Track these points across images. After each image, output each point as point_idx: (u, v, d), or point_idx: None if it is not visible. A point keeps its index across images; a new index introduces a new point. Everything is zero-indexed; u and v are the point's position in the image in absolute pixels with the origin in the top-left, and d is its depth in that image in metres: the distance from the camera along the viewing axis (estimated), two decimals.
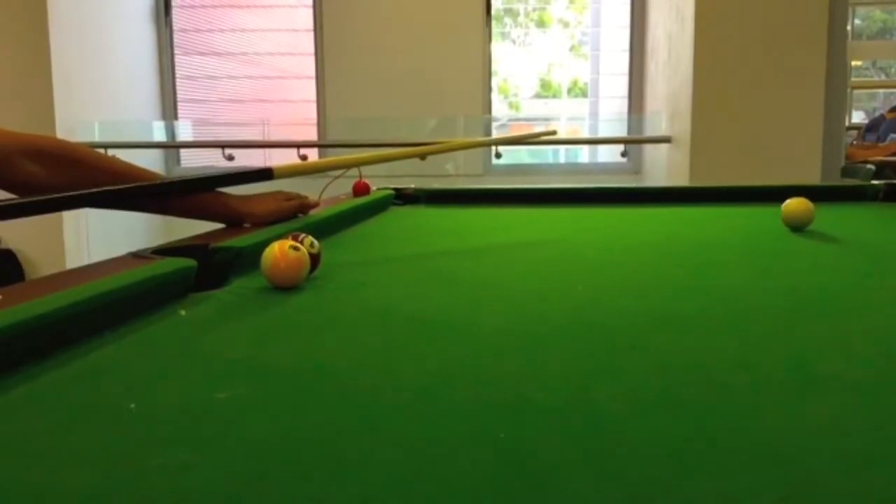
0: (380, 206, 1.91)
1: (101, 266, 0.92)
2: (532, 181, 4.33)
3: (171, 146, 4.71)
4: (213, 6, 4.80)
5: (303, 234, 1.00)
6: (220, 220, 1.31)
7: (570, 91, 5.42)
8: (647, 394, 0.58)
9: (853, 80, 7.81)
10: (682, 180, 3.53)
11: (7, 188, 1.13)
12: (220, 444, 0.50)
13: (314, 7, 4.54)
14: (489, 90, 4.58)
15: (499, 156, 4.46)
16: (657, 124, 4.14)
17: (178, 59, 4.67)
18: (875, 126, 5.22)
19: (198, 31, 4.77)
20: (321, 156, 4.40)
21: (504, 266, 1.22)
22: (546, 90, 5.43)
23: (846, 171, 3.61)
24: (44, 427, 0.54)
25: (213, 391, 0.60)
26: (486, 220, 1.80)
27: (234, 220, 1.31)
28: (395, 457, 0.47)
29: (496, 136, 4.69)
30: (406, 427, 0.52)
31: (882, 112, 5.68)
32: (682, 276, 1.13)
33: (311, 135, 4.64)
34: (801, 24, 3.41)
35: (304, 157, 4.06)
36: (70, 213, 3.53)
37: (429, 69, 4.48)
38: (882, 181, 2.04)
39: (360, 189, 1.93)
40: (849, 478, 0.44)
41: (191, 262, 0.94)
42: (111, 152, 2.63)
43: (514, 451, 0.47)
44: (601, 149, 4.93)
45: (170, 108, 4.65)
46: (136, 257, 0.96)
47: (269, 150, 4.70)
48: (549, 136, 2.82)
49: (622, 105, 4.67)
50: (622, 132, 4.69)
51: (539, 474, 0.44)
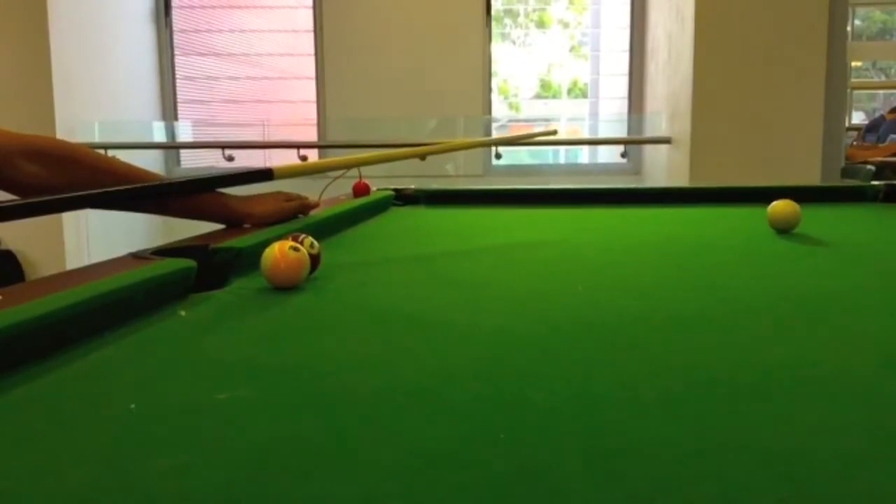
0: (380, 207, 1.91)
1: (101, 267, 0.92)
2: (532, 182, 4.32)
3: (171, 147, 4.71)
4: (213, 7, 4.81)
5: (303, 235, 1.00)
6: (220, 221, 1.31)
7: (570, 91, 5.43)
8: (647, 394, 0.58)
9: (853, 80, 7.80)
10: (682, 181, 3.53)
11: (7, 189, 1.13)
12: (220, 444, 0.50)
13: (314, 8, 4.54)
14: (489, 91, 4.58)
15: (499, 156, 4.46)
16: (657, 125, 4.14)
17: (178, 60, 4.67)
18: (875, 127, 5.22)
19: (198, 31, 4.77)
20: (321, 156, 4.41)
21: (504, 266, 1.22)
22: (546, 91, 5.43)
23: (846, 172, 3.61)
24: (44, 427, 0.54)
25: (213, 392, 0.60)
26: (486, 221, 1.80)
27: (235, 220, 1.31)
28: (395, 457, 0.47)
29: (496, 136, 4.69)
30: (406, 427, 0.52)
31: (882, 113, 5.67)
32: (682, 277, 1.13)
33: (311, 135, 4.64)
34: (801, 25, 3.41)
35: (303, 158, 4.06)
36: (70, 214, 3.53)
37: (429, 70, 4.48)
38: (882, 182, 2.04)
39: (360, 190, 1.93)
40: (849, 478, 0.44)
41: (191, 263, 0.94)
42: (111, 153, 2.63)
43: (514, 452, 0.47)
44: (601, 149, 4.94)
45: (170, 108, 4.65)
46: (136, 258, 0.96)
47: (268, 151, 4.70)
48: (549, 137, 2.82)
49: (622, 105, 4.67)
50: (622, 133, 4.69)
51: (539, 475, 0.44)
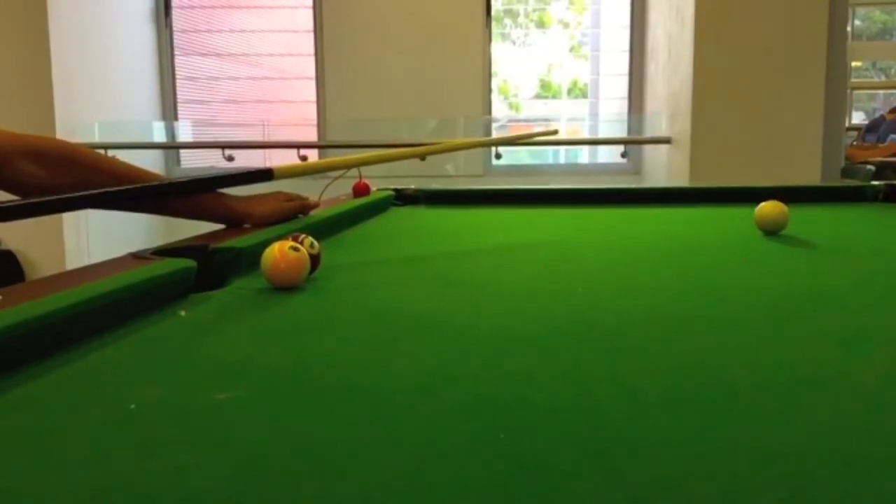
0: (380, 207, 1.91)
1: (101, 267, 0.92)
2: (532, 182, 4.32)
3: (172, 147, 4.71)
4: (213, 7, 4.81)
5: (303, 235, 1.00)
6: (220, 221, 1.31)
7: (570, 92, 5.43)
8: (647, 394, 0.58)
9: (853, 80, 7.81)
10: (682, 181, 3.53)
11: (7, 189, 1.13)
12: (219, 444, 0.50)
13: (314, 8, 4.54)
14: (489, 91, 4.58)
15: (499, 156, 4.46)
16: (657, 125, 4.14)
17: (178, 60, 4.67)
18: (875, 127, 5.22)
19: (198, 31, 4.77)
20: (321, 156, 4.41)
21: (504, 267, 1.22)
22: (546, 91, 5.43)
23: (846, 172, 3.61)
24: (44, 427, 0.54)
25: (213, 392, 0.60)
26: (485, 221, 1.80)
27: (235, 220, 1.31)
28: (395, 457, 0.47)
29: (496, 136, 4.69)
30: (406, 428, 0.52)
31: (882, 113, 5.68)
32: (682, 277, 1.13)
33: (311, 135, 4.64)
34: (801, 25, 3.41)
35: (304, 158, 4.06)
36: (70, 214, 3.53)
37: (429, 70, 4.48)
38: (882, 182, 2.04)
39: (360, 190, 1.93)
40: (849, 478, 0.44)
41: (191, 263, 0.94)
42: (111, 153, 2.63)
43: (514, 452, 0.47)
44: (601, 149, 4.93)
45: (170, 108, 4.65)
46: (136, 258, 0.96)
47: (269, 151, 4.70)
48: (549, 137, 2.81)
49: (622, 106, 4.67)
50: (622, 133, 4.69)
51: (539, 475, 0.44)
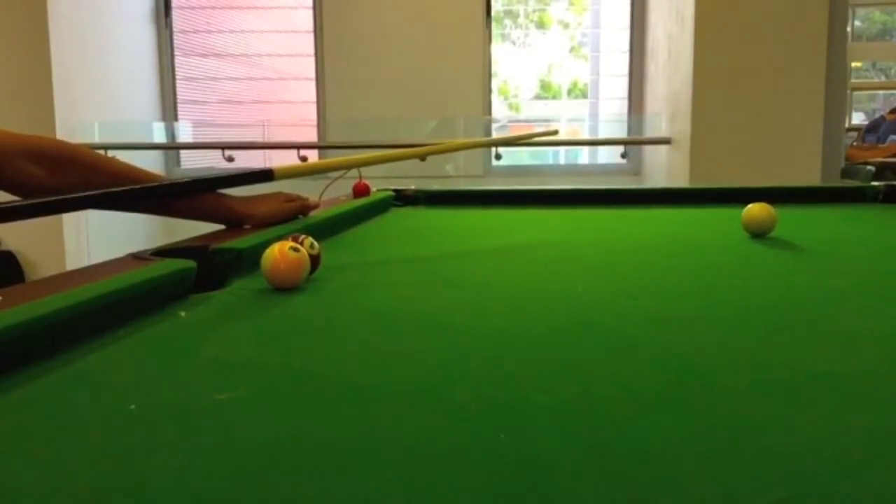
0: (380, 208, 1.91)
1: (101, 267, 0.92)
2: (532, 182, 4.32)
3: (171, 147, 4.71)
4: (213, 7, 4.81)
5: (303, 236, 1.00)
6: (220, 222, 1.31)
7: (570, 92, 5.43)
8: (648, 394, 0.59)
9: (853, 81, 7.81)
10: (682, 181, 3.53)
11: (7, 189, 1.13)
12: (219, 444, 0.50)
13: (314, 8, 4.54)
14: (489, 91, 4.58)
15: (499, 157, 4.46)
16: (657, 125, 4.14)
17: (178, 61, 4.67)
18: (875, 127, 5.22)
19: (198, 32, 4.77)
20: (321, 157, 4.41)
21: (504, 267, 1.22)
22: (546, 91, 5.43)
23: (846, 173, 3.61)
24: (44, 428, 0.54)
25: (213, 392, 0.60)
26: (486, 222, 1.80)
27: (235, 221, 1.31)
28: (396, 458, 0.47)
29: (496, 136, 4.69)
30: (406, 428, 0.52)
31: (882, 113, 5.68)
32: (682, 277, 1.13)
33: (311, 136, 4.64)
34: (801, 25, 3.42)
35: (304, 159, 4.06)
36: (70, 215, 3.53)
37: (429, 70, 4.48)
38: (882, 182, 2.04)
39: (361, 190, 1.93)
40: (849, 478, 0.44)
41: (191, 264, 0.94)
42: (111, 153, 2.63)
43: (515, 452, 0.47)
44: (601, 150, 4.94)
45: (170, 109, 4.65)
46: (136, 258, 0.96)
47: (269, 152, 4.70)
48: (549, 137, 2.81)
49: (622, 106, 4.67)
50: (622, 133, 4.69)
51: (539, 475, 0.44)
